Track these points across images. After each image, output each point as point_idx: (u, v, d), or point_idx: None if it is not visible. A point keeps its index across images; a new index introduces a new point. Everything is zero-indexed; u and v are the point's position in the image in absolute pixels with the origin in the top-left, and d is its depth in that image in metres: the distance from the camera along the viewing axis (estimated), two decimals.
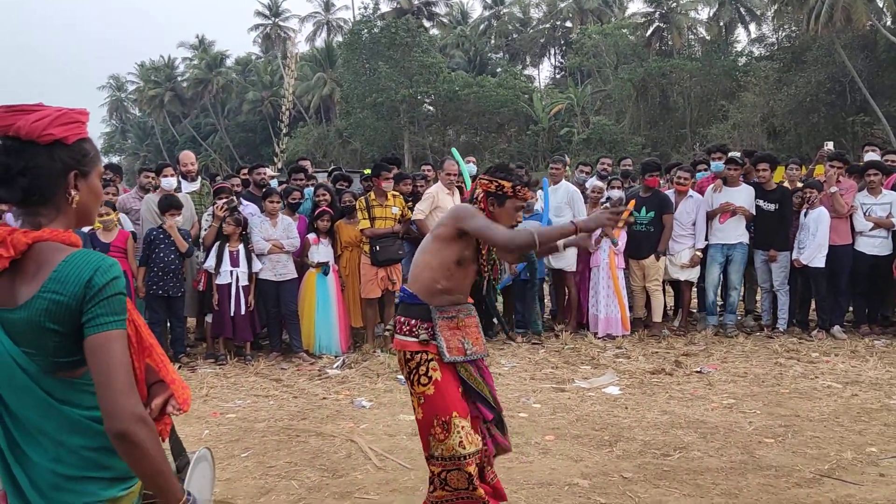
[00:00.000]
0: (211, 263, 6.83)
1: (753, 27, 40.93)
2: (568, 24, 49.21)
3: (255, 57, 57.06)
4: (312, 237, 7.23)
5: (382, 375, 6.38)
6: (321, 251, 7.21)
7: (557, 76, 52.19)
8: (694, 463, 4.18)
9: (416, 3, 47.78)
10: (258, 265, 6.94)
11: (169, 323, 6.95)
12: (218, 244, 6.86)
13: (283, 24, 53.92)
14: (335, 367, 6.74)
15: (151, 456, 1.47)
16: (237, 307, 6.83)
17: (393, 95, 34.50)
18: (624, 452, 4.36)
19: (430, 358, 2.94)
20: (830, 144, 10.26)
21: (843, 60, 26.53)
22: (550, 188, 7.78)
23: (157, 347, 1.66)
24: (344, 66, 39.46)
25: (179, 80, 55.45)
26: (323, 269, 7.17)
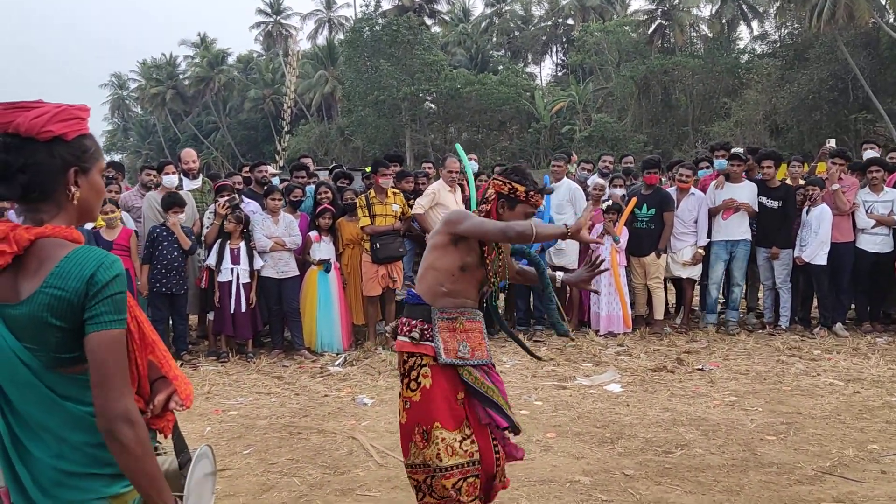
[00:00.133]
0: (212, 261, 6.84)
1: (756, 24, 40.91)
2: (570, 21, 49.16)
3: (256, 55, 57.04)
4: (314, 235, 7.24)
5: (384, 373, 6.38)
6: (323, 249, 7.22)
7: (559, 74, 52.14)
8: (695, 460, 4.18)
9: (417, 0, 47.71)
10: (260, 262, 6.95)
11: (171, 320, 6.96)
12: (219, 242, 6.87)
13: (284, 21, 53.91)
14: (337, 364, 6.75)
15: (137, 456, 1.46)
16: (237, 305, 6.84)
17: (394, 93, 34.48)
18: (625, 450, 4.37)
19: (423, 363, 2.87)
20: (832, 142, 10.23)
21: (845, 58, 26.48)
22: (552, 186, 7.78)
23: (159, 344, 1.66)
24: (345, 63, 39.45)
25: (181, 78, 55.43)
26: (325, 266, 7.17)
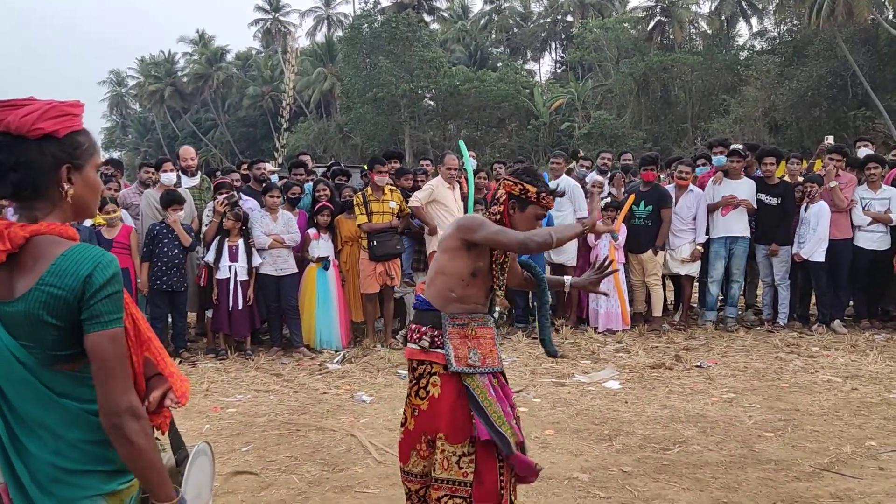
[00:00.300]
0: (211, 257, 6.84)
1: (755, 21, 40.88)
2: (569, 18, 49.11)
3: (255, 52, 57.00)
4: (313, 232, 7.24)
5: (383, 370, 6.39)
6: (321, 246, 7.22)
7: (558, 71, 52.10)
8: (693, 457, 4.19)
9: None
10: (258, 260, 6.95)
11: (171, 318, 6.96)
12: (218, 239, 6.87)
13: (283, 18, 53.85)
14: (335, 361, 6.75)
15: (143, 450, 1.48)
16: (234, 302, 6.84)
17: (393, 90, 34.43)
18: (623, 446, 4.37)
19: (432, 371, 2.80)
20: (831, 139, 10.23)
21: (844, 54, 26.46)
22: (550, 183, 7.77)
23: (155, 341, 1.66)
24: (344, 60, 39.37)
25: (180, 75, 55.36)
26: (323, 263, 7.17)
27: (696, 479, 3.87)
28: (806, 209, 7.41)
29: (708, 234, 7.69)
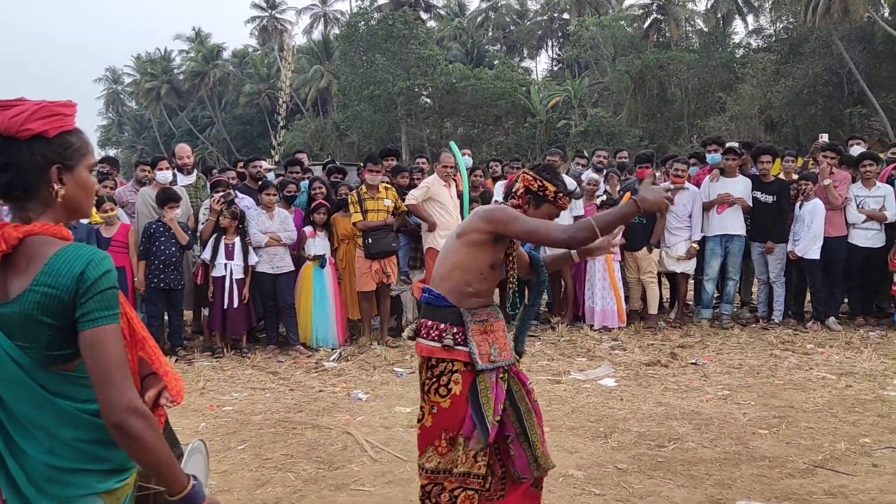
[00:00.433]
0: (207, 255, 6.84)
1: (751, 19, 40.95)
2: (565, 15, 49.10)
3: (251, 49, 56.87)
4: (309, 230, 7.24)
5: (379, 368, 6.40)
6: (318, 244, 7.22)
7: (555, 68, 52.06)
8: (688, 454, 4.20)
9: None
10: (254, 258, 6.95)
11: (167, 316, 6.96)
12: (214, 237, 6.87)
13: (279, 16, 53.75)
14: (332, 359, 6.76)
15: (151, 446, 1.48)
16: (230, 300, 6.84)
17: (390, 88, 34.40)
18: (619, 444, 4.39)
19: (454, 369, 2.79)
20: (825, 137, 10.27)
21: (840, 52, 26.49)
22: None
23: (149, 340, 1.66)
24: (341, 58, 39.32)
25: (176, 72, 55.25)
26: (319, 261, 7.17)
27: (690, 475, 3.89)
28: (801, 207, 7.43)
29: (704, 231, 7.70)
